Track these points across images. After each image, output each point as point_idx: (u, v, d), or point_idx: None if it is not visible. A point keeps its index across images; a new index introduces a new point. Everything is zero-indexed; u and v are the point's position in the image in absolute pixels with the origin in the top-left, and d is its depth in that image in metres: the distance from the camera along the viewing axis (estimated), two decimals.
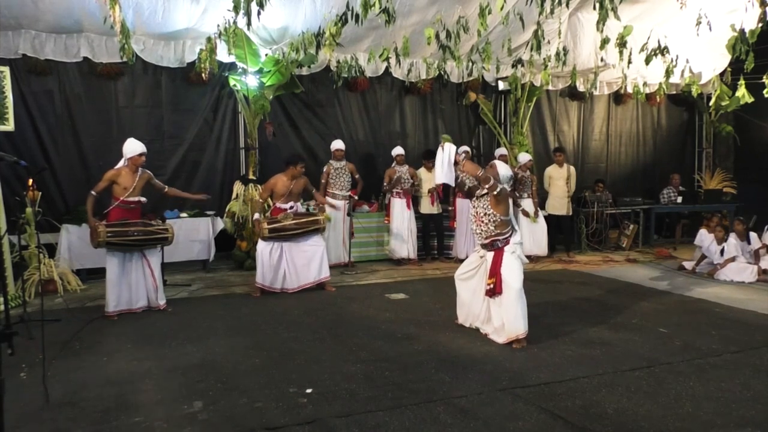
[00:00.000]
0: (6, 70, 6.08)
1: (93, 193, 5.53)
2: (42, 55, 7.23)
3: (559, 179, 9.24)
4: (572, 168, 9.44)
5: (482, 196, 4.76)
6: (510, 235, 4.72)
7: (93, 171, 7.43)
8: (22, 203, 6.32)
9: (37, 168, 6.61)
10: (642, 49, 8.03)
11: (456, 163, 4.93)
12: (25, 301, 5.49)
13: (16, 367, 4.04)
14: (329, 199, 7.96)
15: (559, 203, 9.24)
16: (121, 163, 5.67)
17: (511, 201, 4.83)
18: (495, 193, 4.59)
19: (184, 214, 7.73)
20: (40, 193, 6.44)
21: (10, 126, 6.08)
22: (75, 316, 5.49)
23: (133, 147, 5.63)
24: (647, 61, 8.01)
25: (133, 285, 5.63)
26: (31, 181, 6.15)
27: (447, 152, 4.94)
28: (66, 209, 7.45)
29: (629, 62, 8.08)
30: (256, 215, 6.47)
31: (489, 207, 4.69)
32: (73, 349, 4.57)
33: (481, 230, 4.78)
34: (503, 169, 4.81)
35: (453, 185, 5.27)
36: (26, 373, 4.01)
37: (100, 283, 6.21)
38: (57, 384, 3.80)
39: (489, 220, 4.70)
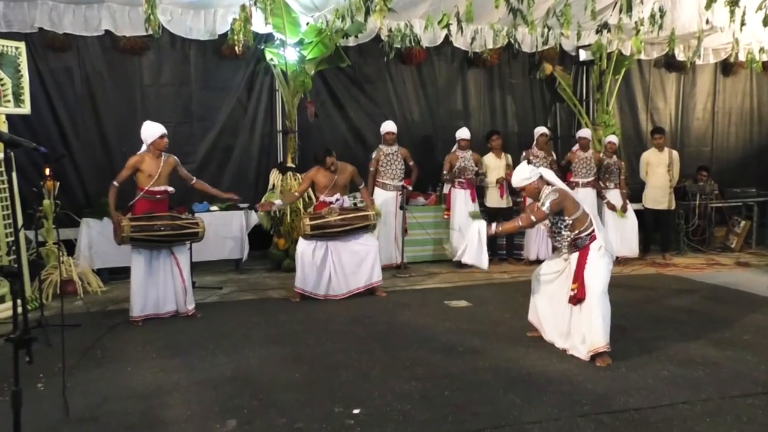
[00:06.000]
0: (22, 45, 6.27)
1: (115, 183, 5.69)
2: (60, 29, 7.48)
3: (659, 166, 8.96)
4: (675, 153, 9.15)
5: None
6: (594, 230, 4.68)
7: (116, 158, 7.67)
8: (39, 194, 6.51)
9: (56, 155, 6.84)
10: (759, 8, 7.71)
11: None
12: (42, 303, 5.72)
13: (34, 376, 4.21)
14: (379, 190, 8.01)
15: (659, 195, 8.98)
16: (143, 149, 5.83)
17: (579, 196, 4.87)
18: (536, 219, 4.72)
19: (214, 208, 7.87)
20: (59, 182, 6.68)
21: (26, 108, 6.30)
22: (96, 321, 5.70)
23: (152, 130, 5.76)
24: (765, 22, 7.69)
25: (160, 287, 5.76)
26: (48, 169, 6.38)
27: (477, 231, 4.94)
28: (87, 201, 7.71)
29: (742, 24, 7.78)
30: (278, 201, 6.69)
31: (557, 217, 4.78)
32: (95, 358, 4.75)
33: (558, 239, 4.84)
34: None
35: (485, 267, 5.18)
36: (44, 383, 4.19)
37: (123, 284, 6.44)
38: (77, 396, 3.95)
39: (561, 226, 4.76)
